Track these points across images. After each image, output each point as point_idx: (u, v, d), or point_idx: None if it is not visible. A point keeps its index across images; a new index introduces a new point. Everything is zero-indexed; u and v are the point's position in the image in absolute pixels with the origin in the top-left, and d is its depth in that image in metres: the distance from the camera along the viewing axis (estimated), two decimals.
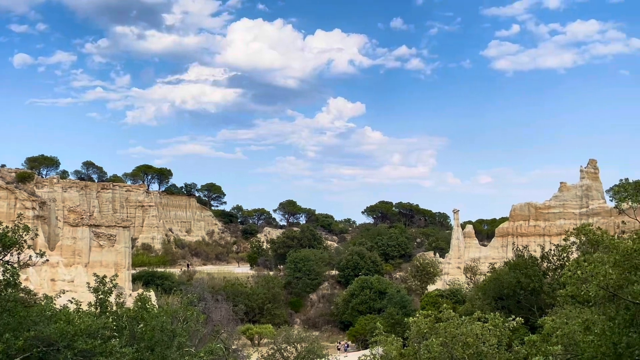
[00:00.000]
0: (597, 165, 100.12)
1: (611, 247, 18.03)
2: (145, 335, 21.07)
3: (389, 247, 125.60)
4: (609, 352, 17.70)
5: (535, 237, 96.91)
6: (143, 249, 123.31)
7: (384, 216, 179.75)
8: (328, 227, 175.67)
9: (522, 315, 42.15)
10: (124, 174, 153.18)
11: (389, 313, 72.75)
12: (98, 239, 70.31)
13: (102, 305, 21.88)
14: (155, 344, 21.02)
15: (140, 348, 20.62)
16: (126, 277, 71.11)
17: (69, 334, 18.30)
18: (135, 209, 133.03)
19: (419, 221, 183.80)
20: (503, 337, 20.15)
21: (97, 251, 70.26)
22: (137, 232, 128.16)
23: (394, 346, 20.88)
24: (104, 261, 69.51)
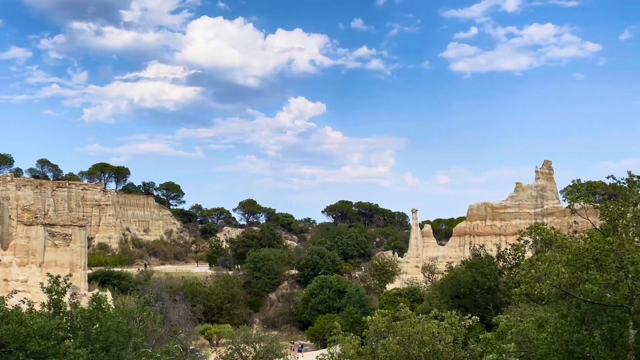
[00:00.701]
0: (551, 166, 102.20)
1: (564, 246, 18.42)
2: (100, 336, 20.73)
3: (348, 247, 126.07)
4: (561, 349, 18.09)
5: (492, 237, 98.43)
6: (100, 249, 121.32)
7: (344, 216, 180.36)
8: (288, 227, 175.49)
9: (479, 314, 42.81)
10: (80, 172, 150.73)
11: (347, 312, 73.00)
12: (53, 238, 68.88)
13: (55, 305, 21.43)
14: (111, 345, 20.70)
15: (95, 349, 20.28)
16: (82, 277, 69.78)
17: (21, 335, 17.91)
18: (91, 208, 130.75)
19: (378, 221, 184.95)
20: (459, 335, 20.41)
21: (52, 251, 68.80)
22: (93, 231, 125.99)
23: (352, 345, 20.98)
24: (59, 261, 68.06)
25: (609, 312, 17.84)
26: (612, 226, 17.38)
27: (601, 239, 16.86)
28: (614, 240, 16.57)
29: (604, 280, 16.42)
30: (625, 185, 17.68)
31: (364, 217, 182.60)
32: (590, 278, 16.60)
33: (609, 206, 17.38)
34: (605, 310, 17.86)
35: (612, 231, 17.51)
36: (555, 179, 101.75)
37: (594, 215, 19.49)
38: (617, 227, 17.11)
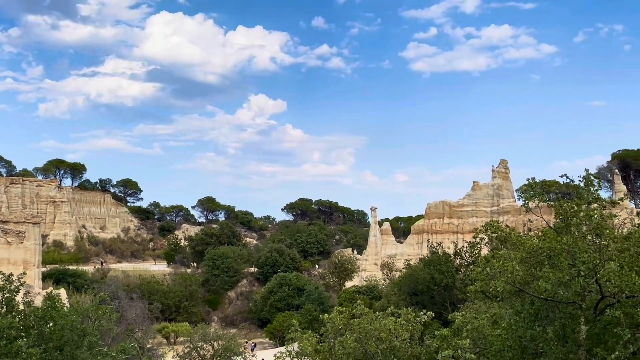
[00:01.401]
0: (507, 166, 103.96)
1: (518, 244, 18.75)
2: (54, 335, 20.34)
3: (308, 244, 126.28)
4: (515, 345, 18.42)
5: (449, 235, 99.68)
6: (54, 246, 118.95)
7: (304, 213, 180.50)
8: (247, 224, 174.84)
9: (436, 310, 43.45)
10: (34, 168, 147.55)
11: (306, 309, 73.11)
12: (6, 235, 67.24)
13: (8, 304, 20.94)
14: (65, 344, 20.33)
15: (49, 348, 19.91)
16: (36, 275, 68.32)
17: None
18: (46, 205, 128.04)
19: (338, 218, 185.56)
20: (415, 331, 20.63)
21: (4, 248, 67.17)
22: (48, 228, 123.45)
23: (310, 342, 21.01)
24: (11, 258, 66.49)
25: (562, 309, 18.23)
26: (565, 224, 17.75)
27: (554, 238, 17.20)
28: (566, 239, 16.92)
29: (556, 278, 16.76)
30: (581, 184, 18.06)
31: (323, 215, 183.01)
32: (544, 275, 16.92)
33: (563, 205, 17.75)
34: (558, 307, 18.24)
35: (565, 229, 17.87)
36: (511, 178, 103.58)
37: (548, 213, 19.88)
38: (570, 225, 17.47)
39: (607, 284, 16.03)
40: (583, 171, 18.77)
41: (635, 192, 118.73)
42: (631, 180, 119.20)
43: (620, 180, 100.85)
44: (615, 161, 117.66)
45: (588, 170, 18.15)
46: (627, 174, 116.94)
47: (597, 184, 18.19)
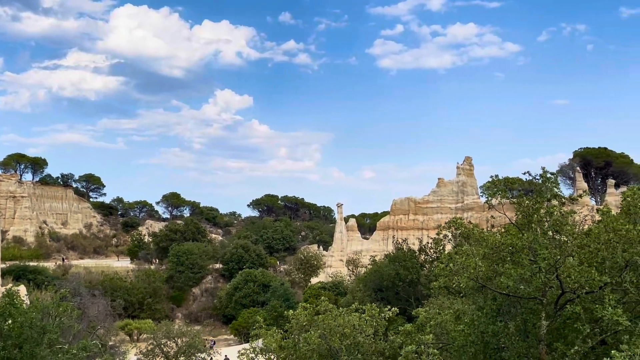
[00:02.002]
0: (472, 163, 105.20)
1: (481, 240, 18.99)
2: (13, 332, 20.00)
3: (273, 241, 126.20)
4: (477, 340, 18.67)
5: (414, 231, 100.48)
6: (14, 242, 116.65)
7: (270, 209, 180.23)
8: (213, 220, 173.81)
9: (400, 306, 43.65)
10: None
11: (272, 306, 73.15)
12: None
13: None
14: (24, 342, 20.00)
15: (7, 345, 19.57)
16: None
17: None
18: (6, 200, 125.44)
19: (304, 215, 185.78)
20: (379, 327, 20.77)
21: None
22: (7, 224, 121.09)
23: (274, 339, 21.00)
24: None
25: (523, 304, 18.52)
26: (527, 221, 18.03)
27: (516, 234, 17.47)
28: (528, 235, 17.20)
29: (518, 274, 17.03)
30: (540, 182, 18.37)
31: (289, 211, 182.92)
32: (506, 272, 17.18)
33: (524, 202, 18.02)
34: (519, 303, 18.54)
35: (527, 226, 18.15)
36: (475, 175, 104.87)
37: (511, 210, 20.15)
38: (531, 222, 17.75)
39: (567, 280, 16.34)
40: (546, 168, 19.08)
41: (596, 190, 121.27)
42: (592, 178, 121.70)
43: (581, 177, 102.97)
44: (576, 159, 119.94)
45: (544, 168, 18.45)
46: (588, 171, 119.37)
47: (554, 181, 18.49)
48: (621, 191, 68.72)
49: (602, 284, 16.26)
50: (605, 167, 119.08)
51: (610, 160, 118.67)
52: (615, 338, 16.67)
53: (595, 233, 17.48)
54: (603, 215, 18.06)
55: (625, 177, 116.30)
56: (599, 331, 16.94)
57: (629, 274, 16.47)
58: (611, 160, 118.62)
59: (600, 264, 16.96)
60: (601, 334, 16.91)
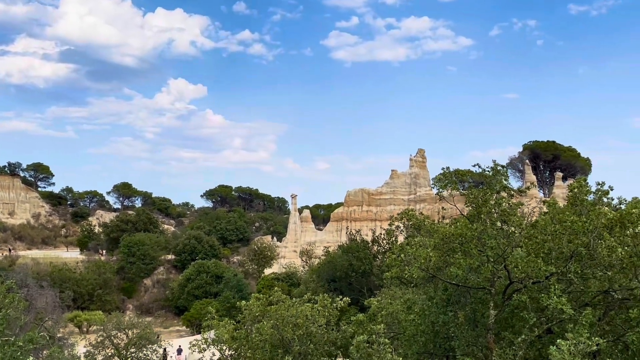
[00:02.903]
0: (425, 155, 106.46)
1: (432, 231, 19.28)
2: None
3: (227, 231, 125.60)
4: (428, 330, 18.98)
5: (368, 222, 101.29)
6: None
7: (223, 200, 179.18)
8: (165, 211, 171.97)
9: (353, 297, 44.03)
10: None
11: (225, 297, 72.91)
12: None
13: None
14: None
15: None
16: None
17: None
18: None
19: (258, 206, 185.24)
20: (332, 317, 20.90)
21: None
22: None
23: (226, 329, 20.94)
24: None
25: (473, 294, 18.88)
26: (476, 212, 18.35)
27: (466, 225, 17.77)
28: (477, 226, 17.51)
29: (467, 264, 17.34)
30: (490, 174, 18.70)
31: (243, 202, 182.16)
32: (456, 262, 17.48)
33: (474, 193, 18.34)
34: (469, 292, 18.88)
35: (477, 217, 18.46)
36: (428, 167, 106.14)
37: (461, 202, 20.48)
38: (481, 213, 18.08)
39: (514, 270, 16.70)
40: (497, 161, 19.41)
41: (544, 182, 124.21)
42: (541, 171, 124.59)
43: (530, 170, 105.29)
44: (526, 152, 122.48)
45: (495, 161, 18.80)
46: (537, 164, 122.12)
47: (504, 174, 18.86)
48: (568, 184, 70.52)
49: (548, 274, 16.68)
50: (553, 160, 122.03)
51: (558, 153, 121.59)
52: (560, 327, 17.13)
53: (542, 224, 17.91)
54: (550, 207, 18.52)
55: (572, 170, 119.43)
56: (545, 320, 17.38)
57: (573, 265, 16.93)
58: (559, 153, 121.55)
59: (547, 255, 17.38)
60: (547, 323, 17.35)
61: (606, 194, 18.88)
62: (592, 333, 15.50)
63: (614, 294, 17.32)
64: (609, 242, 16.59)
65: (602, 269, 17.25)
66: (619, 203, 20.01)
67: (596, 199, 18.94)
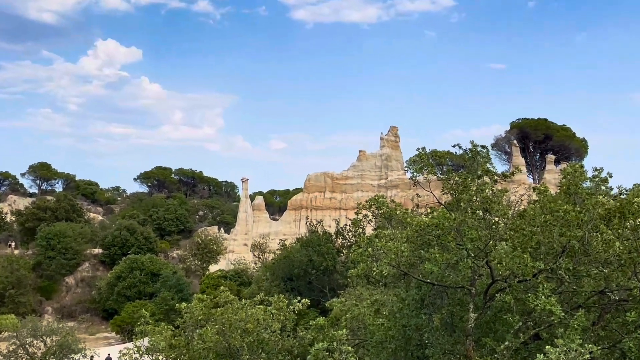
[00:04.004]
0: (398, 133, 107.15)
1: (404, 221, 19.43)
2: None
3: (165, 221, 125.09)
4: (398, 335, 19.20)
5: (331, 211, 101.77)
6: None
7: (161, 184, 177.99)
8: (92, 197, 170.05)
9: (313, 298, 44.29)
10: None
11: (162, 298, 72.80)
12: None
13: None
14: None
15: None
16: None
17: None
18: None
19: (203, 191, 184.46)
20: (288, 321, 21.00)
21: None
22: None
23: (163, 336, 20.89)
24: None
25: (450, 295, 19.15)
26: (455, 200, 18.55)
27: (443, 215, 17.93)
28: (456, 216, 17.68)
29: (444, 260, 17.53)
30: (470, 156, 18.91)
31: (185, 187, 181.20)
32: (431, 257, 17.64)
33: (453, 178, 18.51)
34: (446, 292, 19.15)
35: (456, 206, 18.67)
36: (401, 147, 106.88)
37: (439, 188, 20.67)
38: (460, 201, 18.27)
39: (498, 267, 16.90)
40: (479, 141, 19.62)
41: (534, 166, 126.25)
42: (530, 153, 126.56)
43: (518, 152, 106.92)
44: (514, 131, 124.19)
45: (474, 141, 19.00)
46: (526, 145, 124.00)
47: (486, 156, 19.09)
48: (561, 168, 71.90)
49: (536, 272, 16.93)
50: (544, 141, 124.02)
51: (550, 133, 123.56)
52: (549, 332, 17.48)
53: (531, 214, 18.18)
54: (540, 194, 18.80)
55: (566, 152, 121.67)
56: (532, 324, 17.72)
57: (565, 261, 17.23)
58: (551, 133, 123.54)
59: (535, 250, 17.65)
60: (534, 328, 17.70)
61: (605, 182, 19.26)
62: (585, 339, 15.88)
63: (611, 295, 17.70)
64: (606, 236, 16.90)
65: (597, 266, 17.60)
66: (619, 193, 20.47)
67: (593, 186, 19.30)
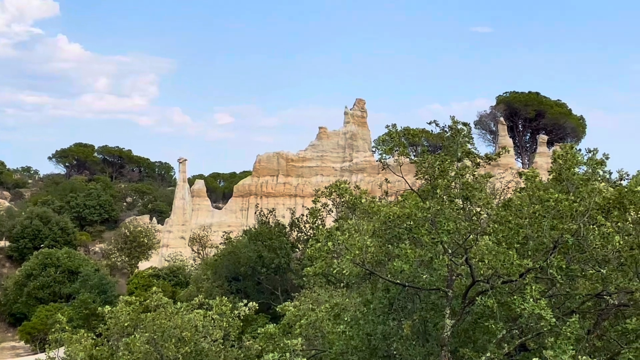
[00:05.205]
0: (365, 107, 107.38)
1: (371, 211, 19.46)
2: None
3: (86, 209, 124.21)
4: (362, 345, 19.30)
5: (285, 199, 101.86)
6: None
7: (82, 165, 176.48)
8: None
9: (263, 300, 44.39)
10: None
11: (81, 301, 72.42)
12: None
13: None
14: None
15: None
16: None
17: None
18: None
19: (132, 173, 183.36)
20: (232, 328, 21.03)
21: None
22: None
23: (82, 346, 20.79)
24: None
25: (423, 298, 19.30)
26: (430, 187, 18.58)
27: (416, 204, 17.95)
28: (431, 205, 17.71)
29: (417, 257, 17.59)
30: (449, 135, 19.01)
31: (111, 168, 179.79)
32: (402, 253, 17.66)
33: (427, 161, 18.51)
34: (418, 295, 19.30)
35: (431, 193, 18.69)
36: (369, 124, 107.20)
37: (412, 172, 20.72)
38: (436, 188, 18.31)
39: (479, 265, 16.96)
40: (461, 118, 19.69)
41: (523, 148, 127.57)
42: (519, 132, 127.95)
43: (505, 131, 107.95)
44: (500, 106, 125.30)
45: (454, 117, 19.09)
46: (514, 123, 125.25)
47: (467, 135, 19.21)
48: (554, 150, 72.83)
49: (524, 271, 17.03)
50: (536, 119, 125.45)
51: (542, 109, 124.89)
52: (538, 342, 17.71)
53: (517, 204, 18.34)
54: (528, 180, 18.95)
55: (560, 131, 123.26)
56: (517, 333, 17.95)
57: (557, 258, 17.36)
58: (544, 109, 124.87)
59: (522, 245, 17.79)
60: (520, 337, 17.93)
61: (601, 165, 19.46)
62: (579, 350, 16.14)
63: (609, 299, 17.91)
64: (604, 229, 17.08)
65: (594, 265, 17.81)
66: (620, 178, 20.68)
67: (589, 171, 19.51)
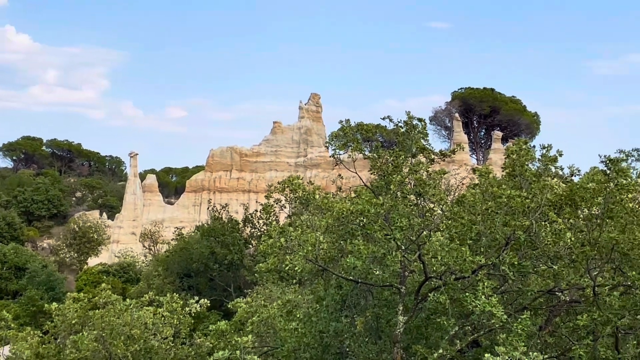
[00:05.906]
0: (320, 102, 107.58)
1: (324, 207, 19.51)
2: None
3: (34, 204, 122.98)
4: (314, 343, 19.36)
5: (239, 194, 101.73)
6: None
7: (30, 158, 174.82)
8: None
9: (215, 297, 44.29)
10: None
11: (28, 297, 71.96)
12: None
13: None
14: None
15: None
16: None
17: None
18: None
19: (82, 167, 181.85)
20: (183, 326, 20.98)
21: None
22: None
23: (28, 344, 20.61)
24: None
25: (376, 294, 19.40)
26: (384, 183, 18.70)
27: (370, 200, 18.05)
28: (384, 201, 17.82)
29: (370, 253, 17.68)
30: (403, 130, 19.11)
31: (59, 162, 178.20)
32: (355, 250, 17.75)
33: (382, 156, 18.62)
34: (370, 292, 19.40)
35: (385, 189, 18.82)
36: (324, 119, 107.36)
37: (366, 168, 20.84)
38: (390, 183, 18.43)
39: (432, 261, 17.10)
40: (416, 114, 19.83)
41: (478, 144, 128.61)
42: (474, 128, 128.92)
43: (460, 127, 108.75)
44: (455, 102, 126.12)
45: (410, 112, 19.22)
46: (469, 119, 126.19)
47: (422, 131, 19.35)
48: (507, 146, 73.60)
49: (476, 267, 17.22)
50: (491, 115, 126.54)
51: (497, 106, 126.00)
52: (490, 338, 17.92)
53: (470, 200, 18.53)
54: (481, 176, 19.15)
55: (515, 128, 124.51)
56: (470, 329, 18.13)
57: (509, 255, 17.57)
58: (499, 106, 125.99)
59: (475, 241, 17.97)
60: (473, 333, 18.11)
61: (554, 161, 19.70)
62: (531, 346, 16.36)
63: (560, 295, 18.16)
64: (555, 226, 17.31)
65: (546, 261, 18.05)
66: (571, 174, 20.93)
67: (542, 167, 19.74)
